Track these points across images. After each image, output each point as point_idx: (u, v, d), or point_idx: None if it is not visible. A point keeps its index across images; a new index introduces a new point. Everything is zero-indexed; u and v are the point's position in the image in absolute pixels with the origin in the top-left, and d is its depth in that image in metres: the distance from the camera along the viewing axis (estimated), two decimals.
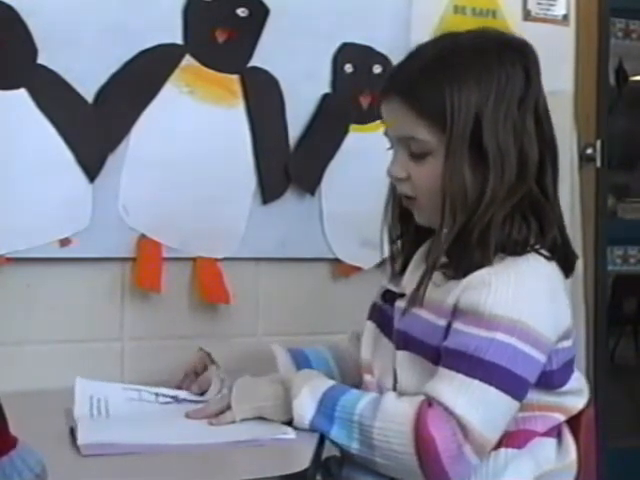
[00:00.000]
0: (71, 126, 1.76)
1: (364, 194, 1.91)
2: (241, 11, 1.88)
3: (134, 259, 1.84)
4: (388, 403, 1.28)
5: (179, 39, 1.85)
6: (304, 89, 1.95)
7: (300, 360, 1.57)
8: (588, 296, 2.36)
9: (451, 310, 1.30)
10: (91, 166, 1.78)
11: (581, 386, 1.42)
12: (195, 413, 1.42)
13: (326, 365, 1.58)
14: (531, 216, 1.34)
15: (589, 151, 2.36)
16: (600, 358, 2.41)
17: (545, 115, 1.37)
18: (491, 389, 1.24)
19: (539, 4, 2.23)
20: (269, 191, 1.93)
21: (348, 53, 1.98)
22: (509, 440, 1.32)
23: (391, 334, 1.41)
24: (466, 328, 1.27)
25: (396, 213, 1.47)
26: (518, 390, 1.27)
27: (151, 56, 1.82)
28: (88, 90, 1.77)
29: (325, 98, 1.97)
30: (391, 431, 1.25)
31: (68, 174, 1.77)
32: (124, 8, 1.80)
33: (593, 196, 2.40)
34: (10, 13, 1.70)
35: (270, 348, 1.59)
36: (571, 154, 2.28)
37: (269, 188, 1.93)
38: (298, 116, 1.95)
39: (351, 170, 1.99)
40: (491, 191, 1.30)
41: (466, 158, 1.31)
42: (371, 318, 1.50)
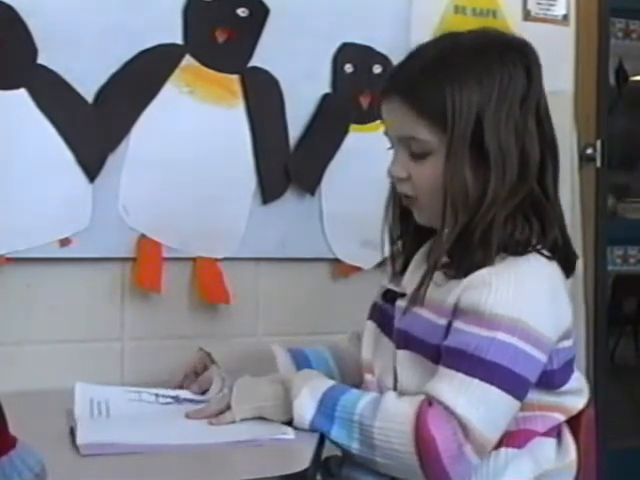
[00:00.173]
0: (71, 126, 1.76)
1: (364, 194, 1.91)
2: (241, 11, 1.88)
3: (134, 259, 1.84)
4: (388, 403, 1.28)
5: (179, 39, 1.85)
6: (304, 89, 1.95)
7: (300, 360, 1.57)
8: (588, 296, 2.36)
9: (452, 309, 1.30)
10: (91, 166, 1.78)
11: (581, 386, 1.42)
12: (195, 413, 1.42)
13: (326, 365, 1.58)
14: (533, 216, 1.34)
15: (589, 151, 2.36)
16: (600, 358, 2.41)
17: (546, 115, 1.37)
18: (492, 389, 1.24)
19: (539, 4, 2.23)
20: (269, 191, 1.93)
21: (348, 53, 1.98)
22: (509, 440, 1.32)
23: (391, 334, 1.41)
24: (467, 327, 1.27)
25: (396, 213, 1.47)
26: (519, 390, 1.27)
27: (151, 56, 1.82)
28: (88, 90, 1.77)
29: (325, 98, 1.97)
30: (391, 431, 1.25)
31: (68, 174, 1.77)
32: (124, 8, 1.80)
33: (593, 196, 2.40)
34: (10, 13, 1.70)
35: (270, 348, 1.59)
36: (571, 154, 2.28)
37: (269, 188, 1.93)
38: (298, 116, 1.95)
39: (351, 170, 1.99)
40: (493, 191, 1.30)
41: (467, 158, 1.31)
42: (371, 318, 1.50)
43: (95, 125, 1.79)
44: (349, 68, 1.99)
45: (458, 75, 1.31)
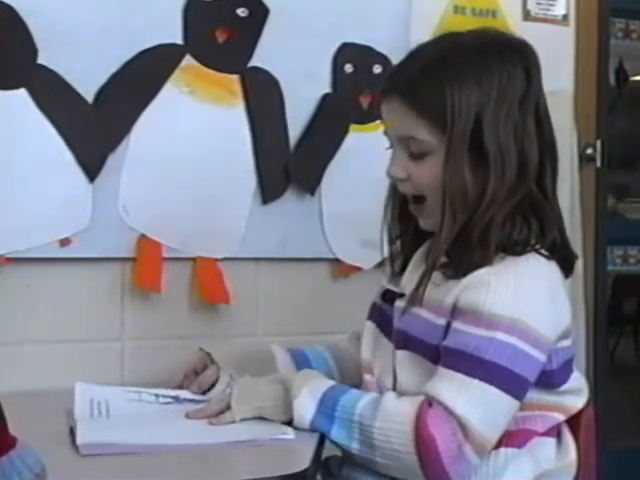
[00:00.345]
0: (71, 126, 1.76)
1: (364, 194, 1.91)
2: (241, 11, 1.88)
3: (134, 259, 1.84)
4: (388, 403, 1.28)
5: (179, 39, 1.85)
6: (304, 89, 1.95)
7: (300, 360, 1.57)
8: (588, 296, 2.36)
9: (450, 309, 1.30)
10: (91, 166, 1.79)
11: (580, 386, 1.42)
12: (195, 413, 1.42)
13: (326, 365, 1.58)
14: (531, 216, 1.34)
15: (589, 151, 2.36)
16: (600, 358, 2.41)
17: (545, 115, 1.37)
18: (491, 388, 1.24)
19: (539, 4, 2.23)
20: (269, 191, 1.93)
21: (348, 53, 1.98)
22: (509, 440, 1.32)
23: (391, 334, 1.41)
24: (465, 327, 1.27)
25: (396, 213, 1.47)
26: (518, 390, 1.27)
27: (151, 56, 1.82)
28: (88, 90, 1.78)
29: (325, 98, 1.97)
30: (391, 431, 1.25)
31: (68, 174, 1.77)
32: (124, 8, 1.80)
33: (593, 196, 2.40)
34: (10, 13, 1.70)
35: (270, 348, 1.59)
36: (571, 154, 2.28)
37: (269, 188, 1.93)
38: (298, 116, 1.95)
39: (351, 170, 1.99)
40: (492, 191, 1.30)
41: (466, 158, 1.31)
42: (371, 318, 1.50)
43: (95, 125, 1.79)
44: (349, 68, 1.99)
45: (458, 75, 1.31)
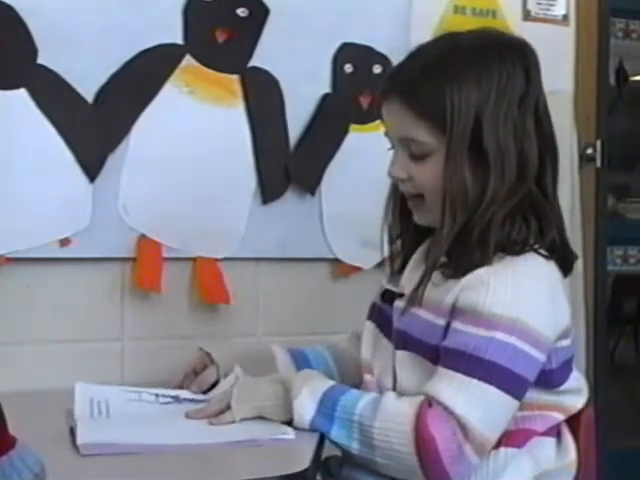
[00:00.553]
0: (71, 126, 1.76)
1: (364, 194, 1.91)
2: (241, 11, 1.88)
3: (134, 259, 1.84)
4: (388, 403, 1.28)
5: (179, 39, 1.85)
6: (304, 89, 1.95)
7: (300, 360, 1.57)
8: (588, 296, 2.36)
9: (450, 309, 1.30)
10: (91, 166, 1.79)
11: (580, 385, 1.42)
12: (195, 413, 1.42)
13: (325, 365, 1.58)
14: (531, 216, 1.34)
15: (589, 151, 2.36)
16: (600, 358, 2.41)
17: (545, 115, 1.37)
18: (491, 388, 1.24)
19: (539, 4, 2.23)
20: (269, 191, 1.93)
21: (348, 53, 1.98)
22: (509, 439, 1.32)
23: (390, 334, 1.41)
24: (465, 327, 1.27)
25: (396, 212, 1.47)
26: (518, 389, 1.27)
27: (151, 56, 1.82)
28: (88, 90, 1.78)
29: (325, 98, 1.97)
30: (391, 431, 1.25)
31: (68, 174, 1.77)
32: (124, 8, 1.80)
33: (593, 196, 2.40)
34: (10, 13, 1.70)
35: (270, 348, 1.59)
36: (571, 154, 2.28)
37: (269, 188, 1.93)
38: (298, 116, 1.95)
39: (351, 170, 1.99)
40: (491, 191, 1.30)
41: (466, 158, 1.31)
42: (370, 318, 1.50)
43: (95, 125, 1.79)
44: (349, 68, 1.99)
45: (458, 75, 1.31)
